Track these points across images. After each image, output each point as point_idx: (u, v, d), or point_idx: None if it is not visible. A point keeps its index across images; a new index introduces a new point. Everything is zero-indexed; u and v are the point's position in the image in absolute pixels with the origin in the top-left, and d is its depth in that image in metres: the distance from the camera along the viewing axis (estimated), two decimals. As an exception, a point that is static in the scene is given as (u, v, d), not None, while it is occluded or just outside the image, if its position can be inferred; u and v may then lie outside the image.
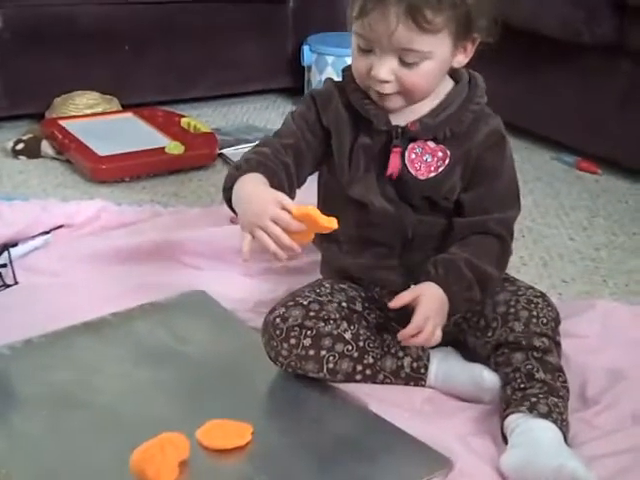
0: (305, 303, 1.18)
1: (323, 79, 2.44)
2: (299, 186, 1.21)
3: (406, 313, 1.14)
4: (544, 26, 2.06)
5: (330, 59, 2.47)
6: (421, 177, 1.18)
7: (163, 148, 2.05)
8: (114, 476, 1.01)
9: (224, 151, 2.15)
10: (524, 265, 1.62)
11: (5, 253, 1.47)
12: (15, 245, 1.55)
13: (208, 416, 1.10)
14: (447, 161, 1.18)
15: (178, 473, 1.00)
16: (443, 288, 1.15)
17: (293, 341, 1.16)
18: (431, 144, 1.18)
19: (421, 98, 1.16)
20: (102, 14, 2.34)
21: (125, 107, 2.33)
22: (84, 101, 2.27)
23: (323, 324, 1.17)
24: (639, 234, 1.79)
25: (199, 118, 2.35)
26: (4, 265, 1.46)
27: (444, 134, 1.17)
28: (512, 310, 1.17)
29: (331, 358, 1.17)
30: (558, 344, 1.18)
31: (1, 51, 2.22)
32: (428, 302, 1.13)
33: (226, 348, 1.30)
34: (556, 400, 1.10)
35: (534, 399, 1.09)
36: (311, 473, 1.05)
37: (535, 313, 1.17)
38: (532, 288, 1.22)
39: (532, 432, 1.06)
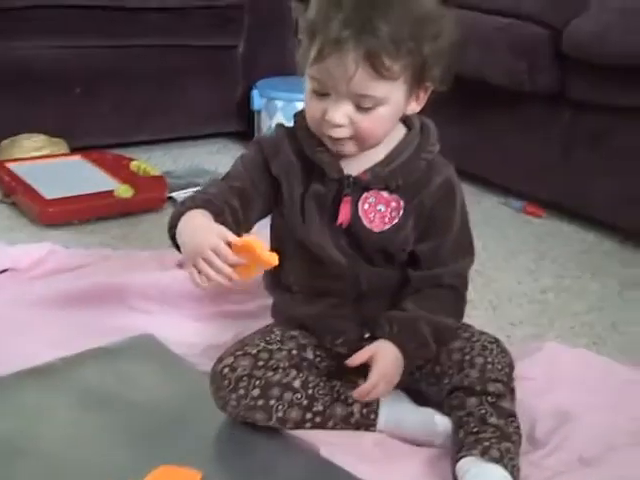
0: (254, 352, 1.17)
1: (273, 124, 2.50)
2: (246, 230, 1.21)
3: (358, 367, 1.16)
4: (490, 75, 2.12)
5: (279, 103, 2.49)
6: (375, 229, 1.18)
7: (112, 191, 2.04)
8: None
9: (174, 194, 2.14)
10: (474, 309, 1.63)
11: (-52, 297, 1.44)
12: (-41, 289, 1.52)
13: (157, 463, 1.08)
14: (401, 212, 1.18)
15: (125, 522, 0.98)
16: (398, 346, 1.16)
17: (242, 392, 1.15)
18: (384, 194, 1.18)
19: (374, 144, 1.15)
20: (52, 57, 2.34)
21: (75, 150, 2.31)
22: (31, 144, 2.25)
23: (272, 373, 1.16)
24: (583, 277, 1.83)
25: (149, 161, 2.34)
26: (-53, 310, 1.43)
27: (396, 183, 1.17)
28: (467, 357, 1.19)
29: (280, 407, 1.16)
30: (512, 390, 1.18)
31: (-54, 93, 2.20)
32: (384, 360, 1.14)
33: (175, 393, 1.28)
34: (508, 445, 1.10)
35: (486, 443, 1.10)
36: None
37: (490, 359, 1.18)
38: (485, 334, 1.24)
39: (483, 477, 1.07)
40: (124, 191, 2.04)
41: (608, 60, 1.88)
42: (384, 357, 1.15)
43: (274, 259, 1.06)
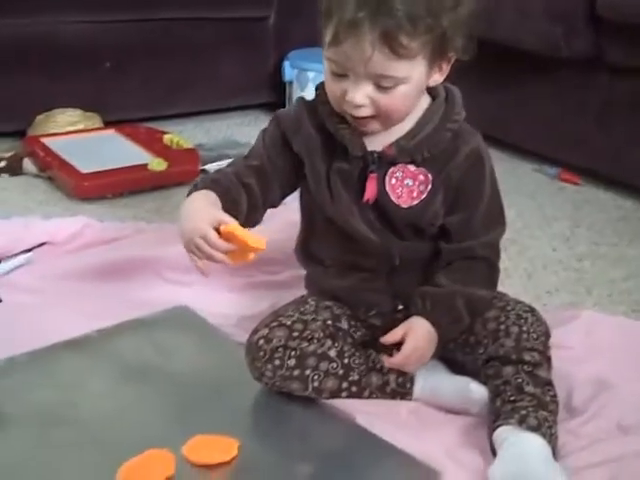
0: (288, 323, 1.18)
1: (305, 95, 2.48)
2: (270, 206, 1.22)
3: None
4: (524, 41, 2.08)
5: (311, 74, 2.48)
6: (403, 205, 1.16)
7: (146, 165, 2.05)
8: (99, 494, 1.00)
9: (207, 167, 2.14)
10: (508, 277, 1.62)
11: (-13, 271, 1.46)
12: (-3, 263, 1.54)
13: (194, 432, 1.09)
14: (429, 186, 1.16)
15: (164, 490, 0.99)
16: (432, 322, 1.15)
17: (277, 362, 1.15)
18: (411, 167, 1.16)
19: (398, 121, 1.13)
20: (84, 32, 2.34)
21: (107, 124, 2.32)
22: (65, 118, 2.26)
23: (307, 344, 1.16)
24: (620, 244, 1.81)
25: (181, 134, 2.35)
26: (-14, 283, 1.45)
27: (422, 156, 1.15)
28: (502, 327, 1.18)
29: (316, 377, 1.16)
30: (548, 358, 1.17)
31: (-18, 69, 2.22)
32: (417, 336, 1.14)
33: (211, 363, 1.29)
34: (545, 414, 1.09)
35: (524, 412, 1.09)
36: (297, 488, 1.04)
37: (525, 328, 1.17)
38: (521, 302, 1.23)
39: (521, 445, 1.06)
40: (157, 164, 2.04)
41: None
42: (417, 333, 1.14)
43: (261, 244, 1.06)
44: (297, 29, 2.65)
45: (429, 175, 1.16)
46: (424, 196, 1.16)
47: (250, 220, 1.19)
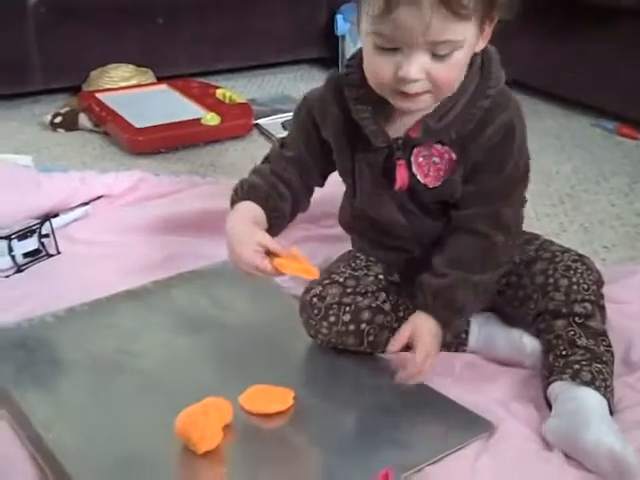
0: (341, 280, 1.17)
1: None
2: (314, 190, 1.21)
3: None
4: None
5: (364, 28, 2.45)
6: (430, 185, 1.12)
7: (199, 119, 2.05)
8: (159, 440, 1.02)
9: (260, 121, 2.15)
10: (564, 231, 1.60)
11: (47, 224, 1.48)
12: (56, 216, 1.56)
13: (249, 382, 1.11)
14: (454, 165, 1.11)
15: (222, 437, 1.01)
16: (434, 317, 1.11)
17: (332, 319, 1.15)
18: (437, 146, 1.10)
19: (449, 93, 1.05)
20: (136, -14, 2.35)
21: (160, 79, 2.33)
22: (119, 74, 2.28)
23: (361, 298, 1.16)
24: (681, 199, 1.77)
25: (234, 89, 2.35)
26: (46, 235, 1.48)
27: (449, 138, 1.09)
28: (551, 280, 1.16)
29: (371, 331, 1.16)
30: (602, 307, 1.16)
31: (37, 25, 2.24)
32: (425, 340, 1.09)
33: (266, 315, 1.31)
34: (600, 366, 1.08)
35: (577, 366, 1.08)
36: (353, 439, 1.05)
37: (575, 280, 1.15)
38: (568, 251, 1.20)
39: (575, 401, 1.05)
40: (211, 119, 2.05)
41: None
42: (424, 337, 1.09)
43: (314, 274, 1.06)
44: (349, -18, 2.62)
45: (453, 154, 1.10)
46: (450, 174, 1.12)
47: (295, 214, 1.20)
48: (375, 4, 0.96)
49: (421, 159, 1.11)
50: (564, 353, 1.10)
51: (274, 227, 1.15)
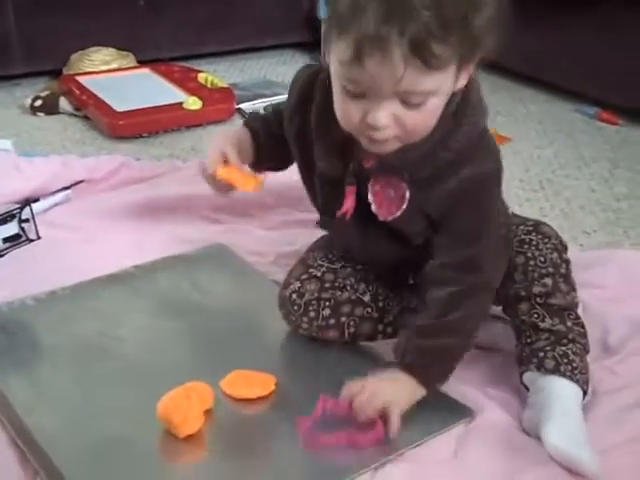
0: (319, 275, 1.17)
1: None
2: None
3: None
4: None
5: (347, 12, 2.44)
6: (380, 217, 1.06)
7: (181, 103, 2.05)
8: (141, 424, 1.02)
9: (242, 106, 2.14)
10: (544, 217, 1.61)
11: (27, 208, 1.47)
12: (36, 200, 1.56)
13: (231, 367, 1.11)
14: (406, 204, 1.03)
15: (203, 421, 1.01)
16: (410, 373, 1.05)
17: (312, 314, 1.16)
18: (395, 180, 1.03)
19: (421, 137, 0.98)
20: (117, -31, 2.33)
21: (141, 63, 2.32)
22: (100, 57, 2.27)
23: (340, 292, 1.16)
24: (661, 185, 1.78)
25: (216, 73, 2.34)
26: (27, 220, 1.47)
27: (410, 176, 1.02)
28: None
29: (352, 323, 1.16)
30: (565, 276, 1.11)
31: (17, 8, 2.23)
32: (397, 405, 1.02)
33: (248, 300, 1.31)
34: (564, 349, 1.06)
35: (541, 354, 1.07)
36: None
37: (530, 254, 1.10)
38: (524, 222, 1.13)
39: (542, 392, 1.05)
40: (193, 103, 2.04)
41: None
42: (396, 401, 1.02)
43: (249, 187, 1.11)
44: (333, -35, 2.61)
45: (407, 193, 1.03)
46: (404, 209, 1.04)
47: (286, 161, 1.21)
48: (345, 51, 0.90)
49: (378, 187, 1.05)
50: (529, 340, 1.09)
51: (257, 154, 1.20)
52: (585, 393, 1.06)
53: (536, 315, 1.09)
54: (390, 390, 1.03)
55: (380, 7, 0.86)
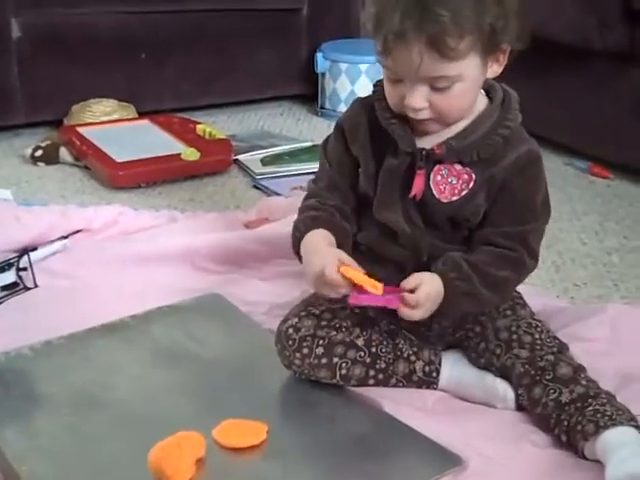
0: (317, 312, 1.20)
1: (337, 86, 2.51)
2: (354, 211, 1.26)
3: (417, 322, 1.16)
4: (556, 32, 2.07)
5: (344, 66, 2.50)
6: (444, 200, 1.18)
7: (179, 154, 2.08)
8: (133, 473, 1.03)
9: (239, 157, 2.17)
10: (537, 269, 1.63)
11: (25, 257, 1.49)
12: (35, 249, 1.57)
13: (224, 415, 1.12)
14: (471, 185, 1.17)
15: (195, 470, 1.02)
16: (440, 276, 1.15)
17: (306, 351, 1.18)
18: (457, 166, 1.17)
19: (457, 119, 1.15)
20: (119, 22, 2.38)
21: (141, 114, 2.36)
22: (101, 108, 2.30)
23: (335, 332, 1.19)
24: (650, 239, 1.81)
25: (214, 125, 2.38)
26: (24, 269, 1.49)
27: (470, 158, 1.16)
28: (514, 337, 1.19)
29: (344, 365, 1.19)
30: (565, 348, 1.19)
31: (20, 59, 2.26)
32: (427, 285, 1.13)
33: (241, 349, 1.32)
34: (591, 408, 1.08)
35: (579, 427, 1.07)
36: (325, 471, 1.07)
37: (537, 336, 1.18)
38: (524, 307, 1.24)
39: (605, 454, 1.04)
40: (191, 154, 2.07)
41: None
42: (429, 283, 1.13)
43: (378, 289, 1.11)
44: (330, 21, 2.67)
45: (473, 175, 1.17)
46: (465, 192, 1.17)
47: (352, 234, 1.24)
48: (379, 44, 1.09)
49: (439, 177, 1.18)
50: (566, 424, 1.09)
51: (343, 246, 1.20)
52: (638, 427, 1.07)
53: (553, 391, 1.12)
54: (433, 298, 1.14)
55: (404, 8, 1.04)
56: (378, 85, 1.21)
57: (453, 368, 1.23)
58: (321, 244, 1.17)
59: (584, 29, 2.02)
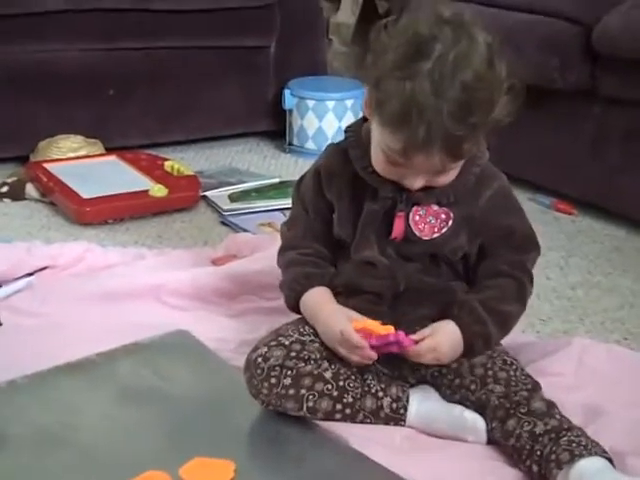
0: (287, 343, 1.21)
1: (304, 123, 2.53)
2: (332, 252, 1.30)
3: (388, 356, 1.19)
4: (519, 74, 2.10)
5: (311, 103, 2.51)
6: (425, 237, 1.22)
7: (147, 191, 2.07)
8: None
9: (207, 193, 2.18)
10: (502, 304, 1.65)
11: (-11, 294, 1.48)
12: (-1, 287, 1.56)
13: (191, 454, 1.11)
14: (450, 223, 1.22)
15: (161, 511, 1.01)
16: (456, 322, 1.20)
17: (273, 380, 1.18)
18: (434, 207, 1.22)
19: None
20: (87, 60, 2.38)
21: (109, 150, 2.35)
22: (68, 144, 2.29)
23: (303, 364, 1.19)
24: (614, 274, 1.83)
25: (182, 161, 2.38)
26: (-12, 306, 1.47)
27: (447, 200, 1.21)
28: (490, 372, 1.21)
29: (311, 397, 1.19)
30: (538, 386, 1.20)
31: (-16, 95, 2.25)
32: (440, 335, 1.19)
33: (208, 387, 1.31)
34: (566, 438, 1.10)
35: (553, 456, 1.09)
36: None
37: (512, 373, 1.20)
38: (505, 352, 1.26)
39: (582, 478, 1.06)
40: (158, 190, 2.07)
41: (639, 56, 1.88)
42: (442, 333, 1.19)
43: (391, 330, 1.18)
44: (297, 58, 2.69)
45: (451, 214, 1.22)
46: (444, 230, 1.22)
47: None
48: (393, 143, 1.10)
49: (417, 217, 1.22)
50: (539, 454, 1.10)
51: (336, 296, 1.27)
52: (611, 460, 1.08)
53: (527, 423, 1.13)
54: (447, 345, 1.20)
55: (428, 126, 1.05)
56: (351, 131, 1.24)
57: (421, 404, 1.23)
58: (332, 304, 1.24)
59: (546, 69, 2.06)
